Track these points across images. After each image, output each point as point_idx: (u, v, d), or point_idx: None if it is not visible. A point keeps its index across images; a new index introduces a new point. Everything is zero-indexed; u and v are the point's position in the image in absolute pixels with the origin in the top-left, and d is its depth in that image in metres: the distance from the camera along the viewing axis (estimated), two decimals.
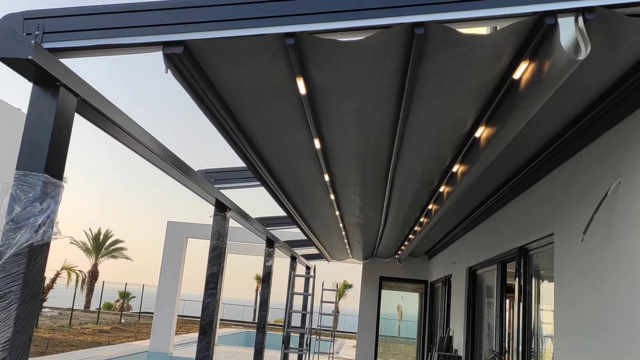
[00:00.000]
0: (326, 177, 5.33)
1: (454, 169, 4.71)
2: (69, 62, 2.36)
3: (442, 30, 2.41)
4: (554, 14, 2.33)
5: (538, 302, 5.26)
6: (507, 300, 6.58)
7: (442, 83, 3.06)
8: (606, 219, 3.43)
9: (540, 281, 5.28)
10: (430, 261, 13.27)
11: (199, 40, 2.44)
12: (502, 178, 5.46)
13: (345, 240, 10.49)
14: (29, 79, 2.28)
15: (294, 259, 11.51)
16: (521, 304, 5.40)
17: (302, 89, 3.09)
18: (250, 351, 16.02)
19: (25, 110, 2.35)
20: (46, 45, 2.24)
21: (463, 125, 3.79)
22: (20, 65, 2.17)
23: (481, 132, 3.75)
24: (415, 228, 8.30)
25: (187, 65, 2.66)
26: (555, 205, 4.47)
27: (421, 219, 7.38)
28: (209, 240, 5.19)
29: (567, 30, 2.34)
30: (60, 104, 2.29)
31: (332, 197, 6.28)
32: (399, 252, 12.06)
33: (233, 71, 2.91)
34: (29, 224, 2.20)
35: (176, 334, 19.92)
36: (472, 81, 3.05)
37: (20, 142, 2.25)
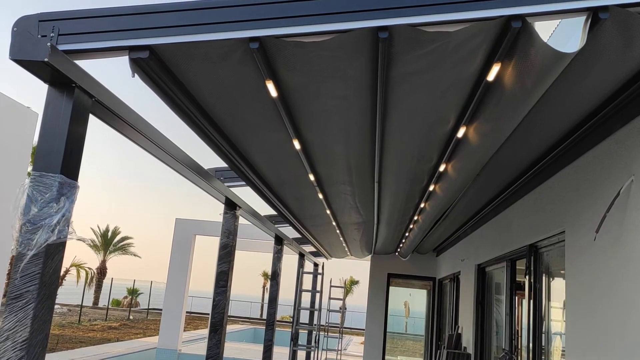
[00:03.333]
0: (311, 177, 5.30)
1: (442, 167, 4.69)
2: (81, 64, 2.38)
3: (408, 32, 2.39)
4: (521, 17, 2.31)
5: (548, 299, 5.25)
6: (517, 298, 6.57)
7: (415, 82, 3.02)
8: (618, 218, 3.41)
9: (551, 279, 5.27)
10: (438, 258, 13.26)
11: (164, 44, 2.45)
12: (512, 175, 5.44)
13: (341, 238, 10.40)
14: (45, 81, 2.29)
15: (302, 256, 11.52)
16: (531, 302, 5.39)
17: (273, 92, 3.08)
18: (258, 347, 16.08)
19: (34, 108, 2.37)
20: (61, 47, 2.25)
21: (445, 123, 3.74)
22: (36, 68, 2.19)
23: (464, 131, 3.72)
24: (411, 226, 8.28)
25: (156, 69, 2.66)
26: (566, 202, 4.45)
27: (415, 217, 7.36)
28: (216, 237, 5.20)
29: (571, 30, 2.33)
30: (76, 105, 2.30)
31: (321, 196, 6.23)
32: (399, 249, 12.05)
33: (202, 74, 2.90)
34: (45, 224, 2.22)
35: (185, 330, 20.03)
36: (447, 79, 2.99)
37: (37, 144, 2.27)
